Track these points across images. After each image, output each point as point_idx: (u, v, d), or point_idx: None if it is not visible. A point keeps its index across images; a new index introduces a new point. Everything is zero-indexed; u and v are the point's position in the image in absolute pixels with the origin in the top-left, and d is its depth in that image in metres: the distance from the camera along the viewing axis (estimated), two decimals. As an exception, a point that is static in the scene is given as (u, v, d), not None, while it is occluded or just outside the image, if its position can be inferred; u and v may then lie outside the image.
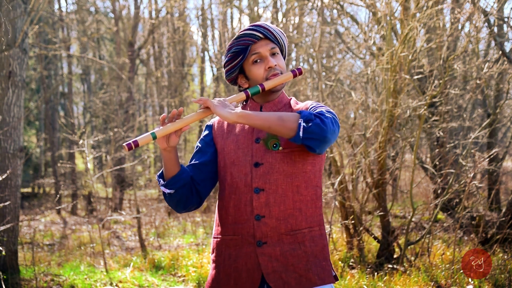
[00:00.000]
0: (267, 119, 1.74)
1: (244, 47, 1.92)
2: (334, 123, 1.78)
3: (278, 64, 1.93)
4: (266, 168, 1.86)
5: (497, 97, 8.21)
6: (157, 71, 16.16)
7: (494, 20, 6.74)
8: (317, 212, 1.90)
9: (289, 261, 1.83)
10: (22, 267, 5.70)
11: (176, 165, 1.89)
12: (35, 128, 20.88)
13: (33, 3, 6.08)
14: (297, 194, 1.86)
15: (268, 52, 1.92)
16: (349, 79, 7.88)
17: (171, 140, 1.85)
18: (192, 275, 5.42)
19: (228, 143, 1.96)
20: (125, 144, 1.77)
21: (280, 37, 1.95)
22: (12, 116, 5.37)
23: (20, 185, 5.48)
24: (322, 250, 1.90)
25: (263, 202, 1.85)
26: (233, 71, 1.97)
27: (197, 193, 1.95)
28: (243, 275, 1.86)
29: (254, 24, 1.94)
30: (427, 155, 9.02)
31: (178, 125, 1.81)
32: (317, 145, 1.74)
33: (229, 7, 11.97)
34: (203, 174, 1.96)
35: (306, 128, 1.70)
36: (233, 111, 1.75)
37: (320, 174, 1.93)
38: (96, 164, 18.91)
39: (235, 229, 1.89)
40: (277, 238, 1.84)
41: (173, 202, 1.92)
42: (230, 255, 1.90)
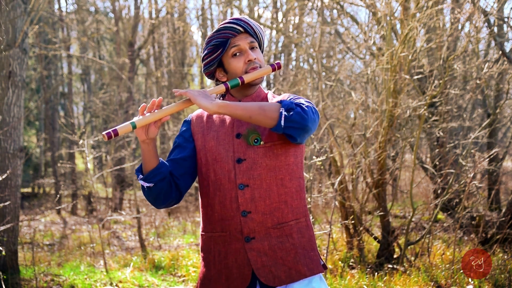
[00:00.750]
0: (248, 109, 1.74)
1: (224, 40, 1.92)
2: (314, 113, 1.80)
3: (257, 58, 1.93)
4: (249, 164, 1.86)
5: (497, 97, 8.21)
6: (157, 71, 16.16)
7: (494, 20, 6.74)
8: (302, 203, 1.92)
9: (278, 255, 1.84)
10: (22, 267, 5.71)
11: (155, 158, 1.86)
12: (35, 128, 20.88)
13: (33, 3, 6.08)
14: (281, 187, 1.87)
15: (248, 45, 1.93)
16: (349, 79, 7.88)
17: (150, 132, 1.83)
18: (192, 275, 5.42)
19: (209, 139, 1.95)
20: (105, 133, 1.75)
21: (259, 32, 1.97)
22: (12, 116, 5.37)
23: (20, 185, 5.48)
24: (309, 241, 1.91)
25: (249, 198, 1.85)
26: (211, 64, 1.97)
27: (177, 188, 1.93)
28: (234, 272, 1.87)
29: (234, 17, 1.95)
30: (427, 155, 9.02)
31: (158, 115, 1.79)
32: (298, 133, 1.75)
33: (229, 7, 11.97)
34: (182, 169, 1.94)
35: (287, 116, 1.71)
36: (214, 102, 1.74)
37: (302, 165, 1.95)
38: (96, 164, 18.91)
39: (223, 226, 1.89)
40: (264, 232, 1.85)
41: (152, 196, 1.89)
42: (219, 252, 1.90)
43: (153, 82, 18.58)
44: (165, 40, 16.64)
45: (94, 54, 18.92)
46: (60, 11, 16.30)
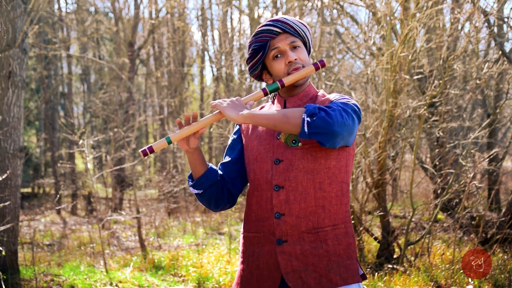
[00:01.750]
0: (272, 118, 1.71)
1: (263, 43, 1.88)
2: (345, 115, 1.69)
3: (299, 58, 1.87)
4: (286, 165, 1.82)
5: (497, 97, 8.21)
6: (157, 71, 16.17)
7: (494, 20, 6.74)
8: (342, 209, 1.84)
9: (309, 260, 1.78)
10: (22, 267, 5.70)
11: (202, 165, 1.90)
12: (35, 128, 20.88)
13: (33, 3, 6.08)
14: (319, 190, 1.80)
15: (288, 46, 1.87)
16: (349, 79, 7.88)
17: (191, 143, 1.86)
18: (192, 275, 5.42)
19: (252, 138, 1.94)
20: (140, 150, 1.79)
21: (301, 30, 1.90)
22: (12, 116, 5.37)
23: (20, 185, 5.48)
24: (347, 249, 1.82)
25: (283, 200, 1.81)
26: (255, 68, 1.94)
27: (229, 192, 1.95)
28: (264, 274, 1.84)
29: (272, 19, 1.90)
30: (427, 155, 9.02)
31: (192, 128, 1.82)
32: (326, 139, 1.67)
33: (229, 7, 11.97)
34: (232, 173, 1.96)
35: (310, 122, 1.65)
36: (240, 113, 1.73)
37: (346, 169, 1.86)
38: (96, 164, 18.92)
39: (258, 227, 1.87)
40: (297, 236, 1.79)
41: (204, 201, 1.94)
42: (253, 252, 1.88)
43: (153, 82, 18.59)
44: (165, 40, 16.64)
45: (94, 54, 18.92)
46: (60, 11, 16.31)
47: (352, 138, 1.77)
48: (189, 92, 17.68)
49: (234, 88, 10.49)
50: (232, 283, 1.99)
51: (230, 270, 5.19)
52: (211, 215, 11.01)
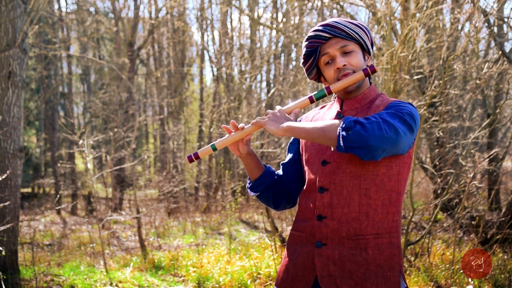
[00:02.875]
0: (310, 131, 1.68)
1: (313, 49, 1.86)
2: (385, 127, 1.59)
3: (349, 63, 1.80)
4: (333, 168, 1.78)
5: (497, 97, 8.21)
6: (157, 71, 16.17)
7: (494, 20, 6.75)
8: (389, 218, 1.78)
9: (347, 267, 1.73)
10: (22, 267, 5.70)
11: (257, 168, 1.96)
12: (35, 128, 20.88)
13: (33, 3, 6.08)
14: (365, 197, 1.75)
15: (338, 51, 1.81)
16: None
17: (241, 149, 1.91)
18: (192, 275, 5.42)
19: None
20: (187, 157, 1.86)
21: (354, 32, 1.82)
22: (12, 116, 5.37)
23: (20, 185, 5.48)
24: (389, 260, 1.76)
25: (326, 203, 1.78)
26: (310, 72, 1.94)
27: (287, 193, 1.98)
28: (299, 274, 1.83)
29: (322, 23, 1.85)
30: (427, 155, 9.03)
31: (236, 136, 1.87)
32: (362, 153, 1.59)
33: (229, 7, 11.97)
34: (290, 174, 1.99)
35: (345, 137, 1.59)
36: (280, 126, 1.74)
37: (399, 177, 1.78)
38: (96, 164, 18.92)
39: (302, 227, 1.86)
40: (337, 241, 1.75)
41: (263, 202, 2.01)
42: (294, 251, 1.88)
43: (153, 82, 18.60)
44: (165, 40, 16.64)
45: (94, 54, 18.92)
46: (59, 11, 16.30)
47: (403, 148, 1.68)
48: (189, 92, 17.69)
49: (234, 88, 10.50)
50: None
51: (230, 270, 5.19)
52: (211, 215, 11.01)
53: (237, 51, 12.72)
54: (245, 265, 5.32)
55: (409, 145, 1.72)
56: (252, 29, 13.18)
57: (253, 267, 5.18)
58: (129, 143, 11.60)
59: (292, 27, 9.83)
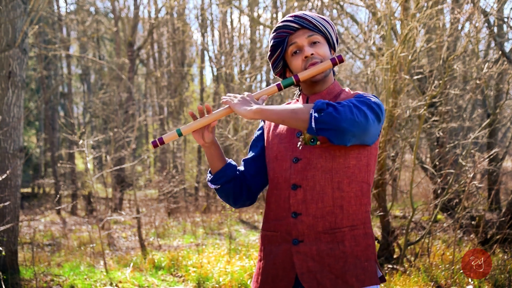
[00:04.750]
0: (281, 113, 1.68)
1: (282, 39, 1.86)
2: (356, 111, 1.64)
3: (316, 53, 1.82)
4: (304, 164, 1.78)
5: (497, 97, 8.21)
6: (157, 71, 16.17)
7: (494, 20, 6.75)
8: (362, 210, 1.80)
9: (326, 261, 1.75)
10: (22, 267, 5.70)
11: (219, 160, 1.89)
12: (35, 128, 20.88)
13: (33, 3, 6.08)
14: (338, 190, 1.76)
15: (306, 41, 1.83)
16: (349, 79, 7.88)
17: (205, 136, 1.84)
18: (192, 275, 5.42)
19: (274, 136, 1.92)
20: (151, 141, 1.78)
21: (321, 25, 1.85)
22: (12, 116, 5.37)
23: (20, 185, 5.48)
24: (365, 250, 1.78)
25: (300, 199, 1.77)
26: (276, 65, 1.93)
27: (248, 189, 1.94)
28: (279, 273, 1.82)
29: (290, 14, 1.87)
30: (427, 155, 9.03)
31: (203, 121, 1.79)
32: (333, 135, 1.63)
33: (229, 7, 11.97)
34: (253, 169, 1.94)
35: (317, 118, 1.62)
36: (249, 108, 1.70)
37: (368, 168, 1.81)
38: (96, 164, 18.92)
39: (275, 226, 1.84)
40: (314, 236, 1.76)
41: (222, 197, 1.94)
42: (271, 251, 1.86)
43: (152, 82, 18.59)
44: (164, 40, 16.64)
45: (94, 54, 18.92)
46: (59, 11, 16.31)
47: (371, 137, 1.72)
48: (189, 92, 17.68)
49: (234, 88, 10.50)
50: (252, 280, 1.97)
51: (230, 270, 5.19)
52: (211, 215, 11.01)
53: (237, 51, 12.72)
54: (245, 265, 5.32)
55: (376, 135, 1.76)
56: (252, 29, 13.18)
57: (253, 267, 5.18)
58: (129, 143, 11.59)
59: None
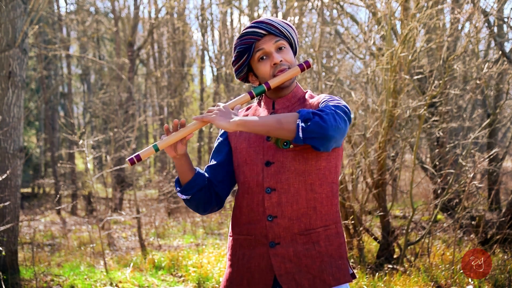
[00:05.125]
0: (265, 124, 1.69)
1: (248, 46, 1.88)
2: (338, 119, 1.69)
3: (284, 59, 1.86)
4: (277, 167, 1.81)
5: (497, 97, 8.21)
6: (157, 71, 16.16)
7: (494, 20, 6.75)
8: (333, 210, 1.85)
9: (303, 262, 1.79)
10: (22, 267, 5.70)
11: (189, 171, 1.88)
12: (35, 128, 20.87)
13: (33, 3, 6.08)
14: (311, 192, 1.81)
15: (273, 47, 1.86)
16: (349, 79, 7.88)
17: (178, 149, 1.84)
18: (192, 275, 5.42)
19: (241, 141, 1.93)
20: (128, 159, 1.78)
21: (286, 31, 1.89)
22: (12, 116, 5.37)
23: (20, 185, 5.48)
24: (338, 249, 1.84)
25: (275, 202, 1.81)
26: (241, 70, 1.95)
27: (216, 195, 1.95)
28: (255, 276, 1.84)
29: (256, 20, 1.89)
30: (427, 155, 9.03)
31: (179, 135, 1.80)
32: (320, 143, 1.67)
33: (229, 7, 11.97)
34: (220, 175, 1.95)
35: (304, 128, 1.64)
36: (231, 120, 1.69)
37: (336, 170, 1.87)
38: (96, 164, 18.91)
39: (249, 229, 1.86)
40: (290, 238, 1.80)
41: (192, 206, 1.94)
42: (244, 255, 1.88)
43: (153, 82, 18.58)
44: (165, 40, 16.63)
45: (94, 54, 18.92)
46: (59, 12, 16.30)
47: (343, 139, 1.79)
48: (189, 92, 17.68)
49: (234, 88, 10.49)
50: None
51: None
52: (211, 215, 11.01)
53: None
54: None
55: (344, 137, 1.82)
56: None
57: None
58: (129, 143, 11.59)
59: (292, 27, 9.82)
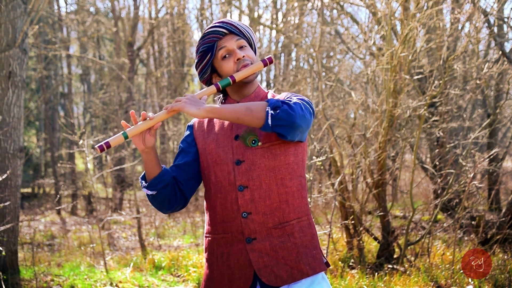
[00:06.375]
0: (235, 111, 1.75)
1: (211, 45, 1.93)
2: (304, 109, 1.77)
3: (247, 55, 1.93)
4: (248, 165, 1.86)
5: (497, 97, 8.21)
6: (157, 71, 16.16)
7: (494, 20, 6.75)
8: (303, 202, 1.92)
9: (280, 254, 1.85)
10: (22, 267, 5.70)
11: (157, 166, 1.89)
12: (35, 128, 20.87)
13: (33, 3, 6.08)
14: (282, 186, 1.87)
15: (235, 45, 1.93)
16: (349, 79, 7.88)
17: (147, 141, 1.84)
18: (192, 275, 5.42)
19: (209, 142, 1.96)
20: (97, 146, 1.77)
21: (246, 31, 1.97)
22: (12, 116, 5.37)
23: (20, 185, 5.48)
24: (312, 239, 1.90)
25: (248, 199, 1.86)
26: (205, 71, 1.98)
27: (181, 193, 1.96)
28: (236, 273, 1.88)
29: (217, 21, 1.96)
30: (427, 155, 9.03)
31: (149, 123, 1.79)
32: (288, 131, 1.74)
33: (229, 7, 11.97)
34: (186, 174, 1.97)
35: (274, 115, 1.70)
36: (201, 107, 1.73)
37: (303, 164, 1.94)
38: (96, 164, 18.90)
39: (224, 228, 1.90)
40: (265, 233, 1.85)
41: (157, 203, 1.93)
42: (222, 254, 1.92)
43: (153, 82, 18.57)
44: (165, 40, 16.63)
45: (94, 54, 18.92)
46: (59, 11, 16.29)
47: (307, 133, 1.87)
48: (189, 92, 17.67)
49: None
50: None
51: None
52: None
53: (237, 51, 12.67)
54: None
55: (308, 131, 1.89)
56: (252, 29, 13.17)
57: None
58: (129, 143, 11.59)
59: (292, 27, 9.83)
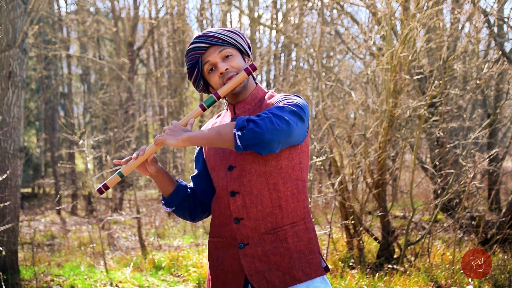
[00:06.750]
0: (207, 137, 1.73)
1: (195, 61, 1.95)
2: (276, 120, 1.67)
3: (230, 66, 1.90)
4: (239, 171, 1.87)
5: (497, 97, 8.21)
6: (157, 71, 16.16)
7: (494, 20, 6.75)
8: (299, 206, 1.88)
9: (272, 260, 1.83)
10: (22, 267, 5.70)
11: (169, 185, 1.97)
12: (35, 128, 20.87)
13: (33, 3, 6.08)
14: (274, 191, 1.85)
15: (218, 57, 1.90)
16: (349, 79, 7.88)
17: (149, 168, 1.90)
18: (192, 275, 5.42)
19: (209, 149, 2.01)
20: (96, 189, 1.85)
21: (229, 38, 1.92)
22: (12, 116, 5.36)
23: (20, 185, 5.48)
24: (308, 244, 1.87)
25: (240, 205, 1.86)
26: (198, 84, 2.01)
27: (201, 204, 2.03)
28: (229, 277, 1.91)
29: (197, 35, 1.94)
30: (427, 155, 9.03)
31: (140, 159, 1.85)
32: (260, 148, 1.68)
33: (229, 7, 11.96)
34: (201, 185, 2.04)
35: (241, 136, 1.67)
36: (179, 137, 1.73)
37: (300, 166, 1.89)
38: (96, 164, 18.90)
39: (220, 232, 1.94)
40: (258, 238, 1.85)
41: (180, 216, 2.05)
42: (218, 257, 1.96)
43: (153, 82, 18.58)
44: (165, 40, 16.63)
45: (94, 54, 18.92)
46: (59, 11, 16.29)
47: (298, 138, 1.78)
48: (189, 92, 17.67)
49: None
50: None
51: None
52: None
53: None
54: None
55: (304, 134, 1.83)
56: (252, 29, 13.17)
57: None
58: (129, 143, 11.59)
59: (292, 27, 9.84)
